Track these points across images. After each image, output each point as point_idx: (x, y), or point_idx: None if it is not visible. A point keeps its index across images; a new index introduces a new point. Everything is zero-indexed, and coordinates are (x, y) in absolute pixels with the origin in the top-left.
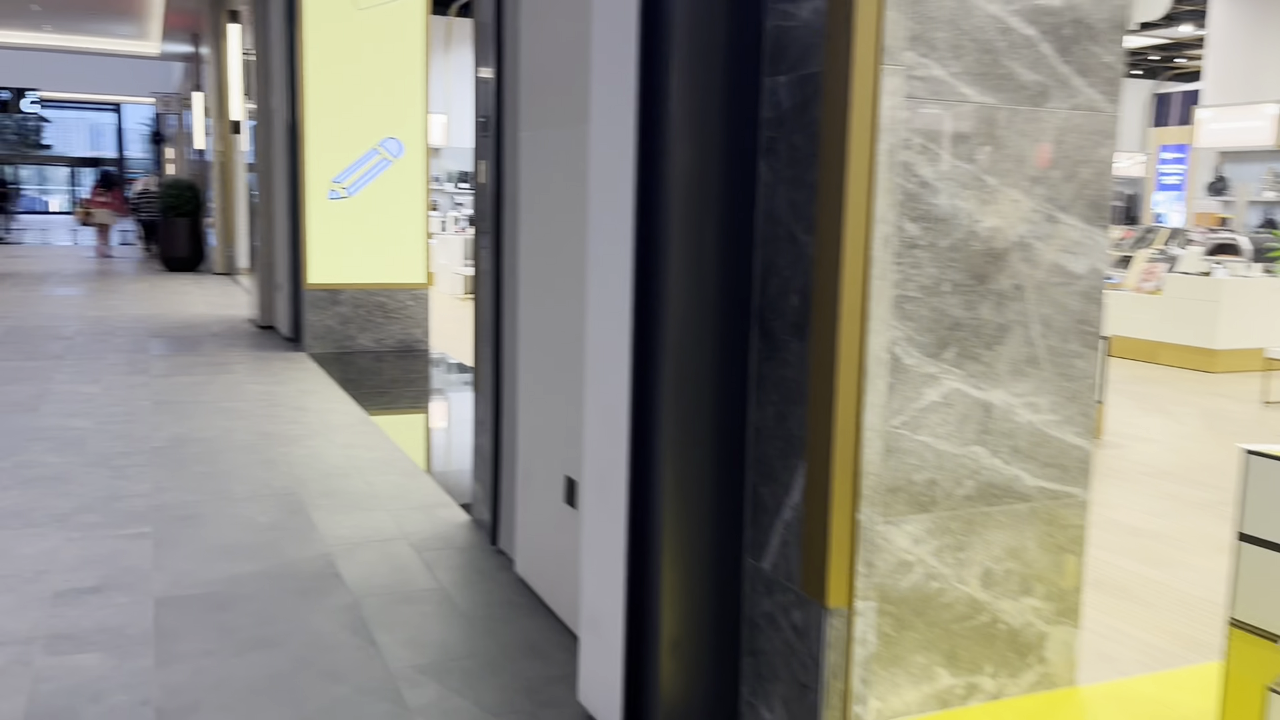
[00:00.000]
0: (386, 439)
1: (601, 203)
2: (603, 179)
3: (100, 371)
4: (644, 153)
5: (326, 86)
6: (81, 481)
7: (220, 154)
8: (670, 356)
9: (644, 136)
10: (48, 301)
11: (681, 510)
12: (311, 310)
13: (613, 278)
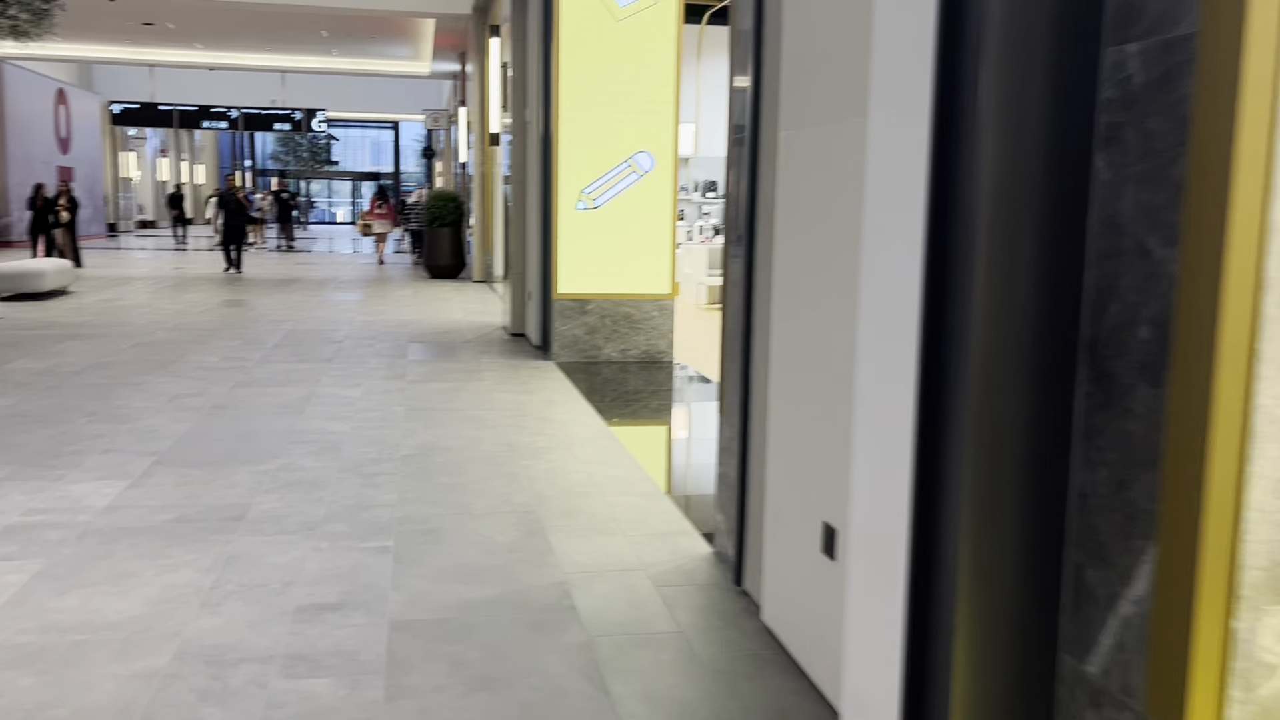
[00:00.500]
0: (627, 455)
1: (881, 206)
2: (883, 177)
3: (362, 376)
4: (940, 145)
5: (580, 98)
6: (334, 488)
7: (480, 166)
8: (969, 396)
9: (941, 126)
10: (324, 306)
11: (979, 588)
12: (560, 319)
13: (894, 296)
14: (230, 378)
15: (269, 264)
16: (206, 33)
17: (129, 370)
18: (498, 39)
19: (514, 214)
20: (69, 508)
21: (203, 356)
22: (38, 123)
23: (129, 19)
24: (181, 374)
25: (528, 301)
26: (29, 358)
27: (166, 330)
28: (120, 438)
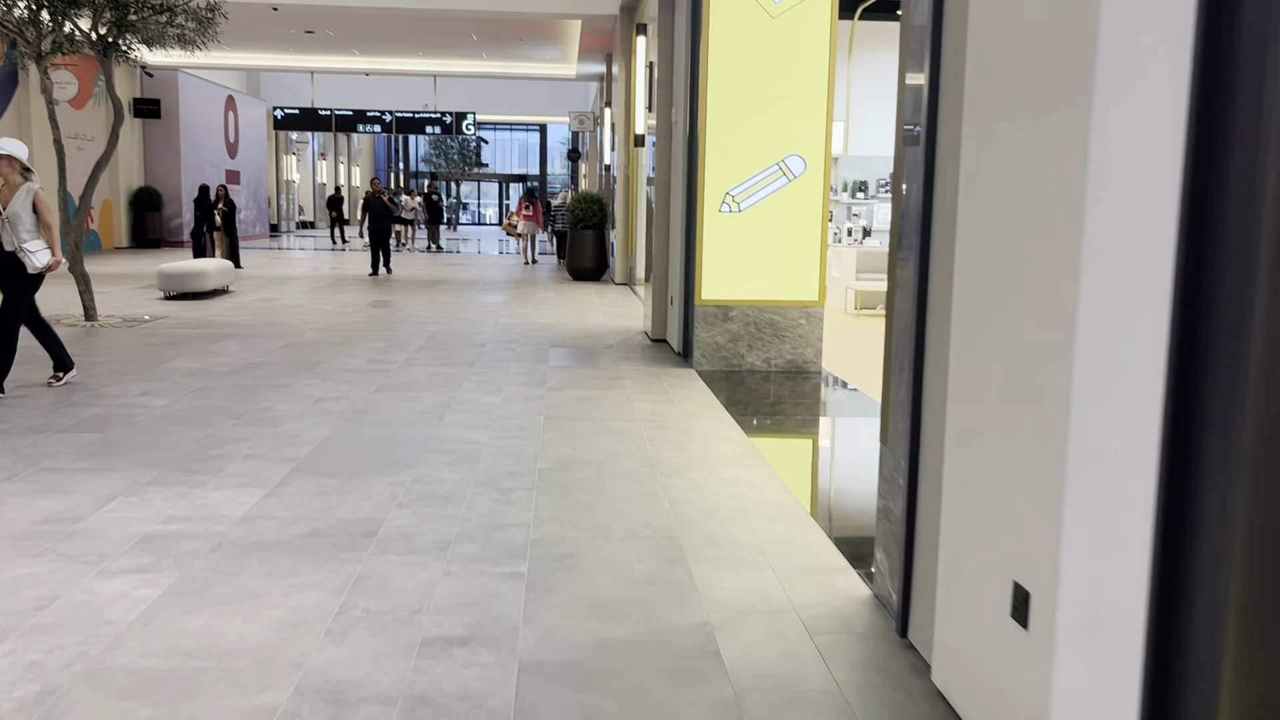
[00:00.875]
0: (774, 475)
1: (1109, 214)
2: (1113, 181)
3: (503, 381)
4: (1202, 137)
5: (728, 98)
6: (469, 503)
7: (624, 168)
8: (1244, 446)
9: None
10: (469, 308)
11: (1249, 691)
12: (702, 326)
13: (1129, 321)
14: (373, 381)
15: (418, 265)
16: (363, 39)
17: (277, 372)
18: (644, 38)
19: (657, 217)
20: (206, 516)
21: (348, 358)
22: (209, 128)
23: (291, 27)
24: (327, 376)
25: (669, 307)
26: (186, 357)
27: (316, 331)
28: (263, 442)
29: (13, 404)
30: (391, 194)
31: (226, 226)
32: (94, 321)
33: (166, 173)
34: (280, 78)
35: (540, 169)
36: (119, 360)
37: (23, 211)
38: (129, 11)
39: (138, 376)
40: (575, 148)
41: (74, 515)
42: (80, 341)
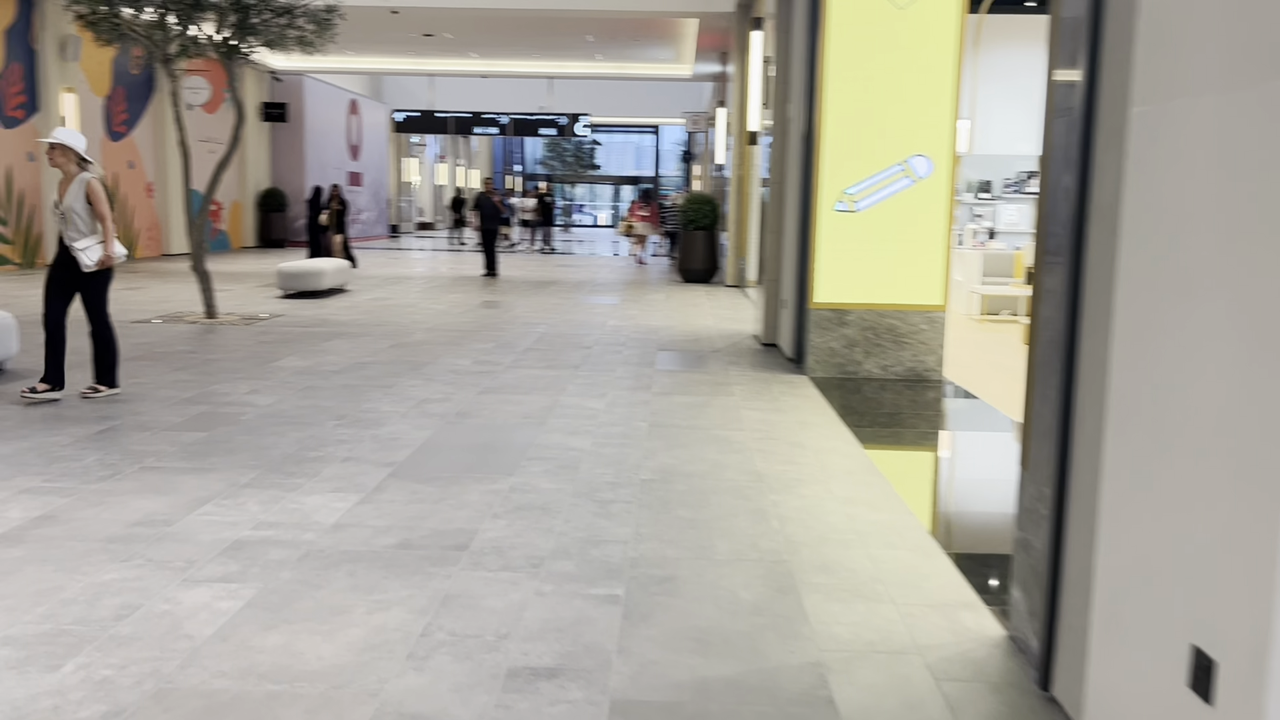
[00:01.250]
0: (893, 494)
1: None
2: None
3: (608, 385)
4: None
5: (847, 93)
6: (566, 516)
7: (737, 168)
8: None
9: None
10: (578, 309)
11: None
12: (816, 331)
13: None
14: (478, 383)
15: (529, 265)
16: (480, 41)
17: (383, 371)
18: (760, 33)
19: (770, 216)
20: (298, 523)
21: (455, 359)
22: (332, 131)
23: (411, 31)
24: (432, 377)
25: (781, 310)
26: (296, 355)
27: (425, 331)
28: (362, 445)
29: (127, 399)
30: (503, 195)
31: (338, 226)
32: (214, 319)
33: (292, 174)
34: (401, 81)
35: (654, 170)
36: (232, 358)
37: (76, 204)
38: (250, 14)
39: (248, 375)
40: (689, 149)
41: (168, 517)
42: (198, 339)
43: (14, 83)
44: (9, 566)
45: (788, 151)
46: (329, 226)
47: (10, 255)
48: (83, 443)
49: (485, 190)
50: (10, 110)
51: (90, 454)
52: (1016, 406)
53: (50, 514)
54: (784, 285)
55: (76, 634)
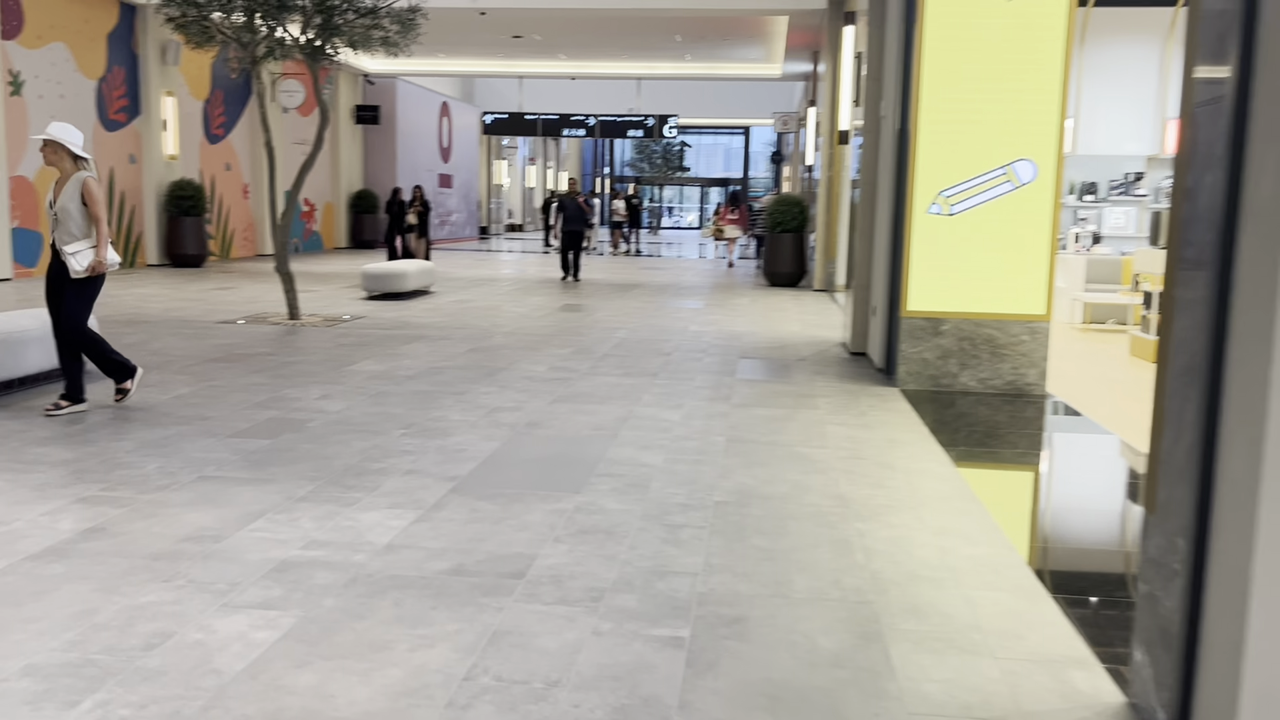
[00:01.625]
0: (992, 525)
1: None
2: None
3: (685, 395)
4: None
5: (945, 91)
6: (632, 541)
7: (827, 169)
8: None
9: None
10: (660, 314)
11: None
12: (908, 340)
13: None
14: (552, 390)
15: (614, 268)
16: (569, 43)
17: (458, 377)
18: (853, 28)
19: (860, 219)
20: (350, 542)
21: (531, 365)
22: (424, 133)
23: (500, 33)
24: (506, 384)
25: (871, 317)
26: (373, 359)
27: (504, 334)
28: (427, 456)
29: (198, 403)
30: (587, 196)
31: (422, 228)
32: (297, 320)
33: (384, 176)
34: (492, 84)
35: (743, 172)
36: (309, 361)
37: (71, 204)
38: (334, 15)
39: (321, 378)
40: (779, 150)
41: (217, 533)
42: (279, 340)
43: (116, 86)
44: (48, 584)
45: (880, 150)
46: (413, 228)
47: None
48: (147, 449)
49: (569, 191)
50: (113, 114)
51: (152, 461)
52: (1128, 426)
53: (101, 526)
54: (874, 291)
55: (102, 665)
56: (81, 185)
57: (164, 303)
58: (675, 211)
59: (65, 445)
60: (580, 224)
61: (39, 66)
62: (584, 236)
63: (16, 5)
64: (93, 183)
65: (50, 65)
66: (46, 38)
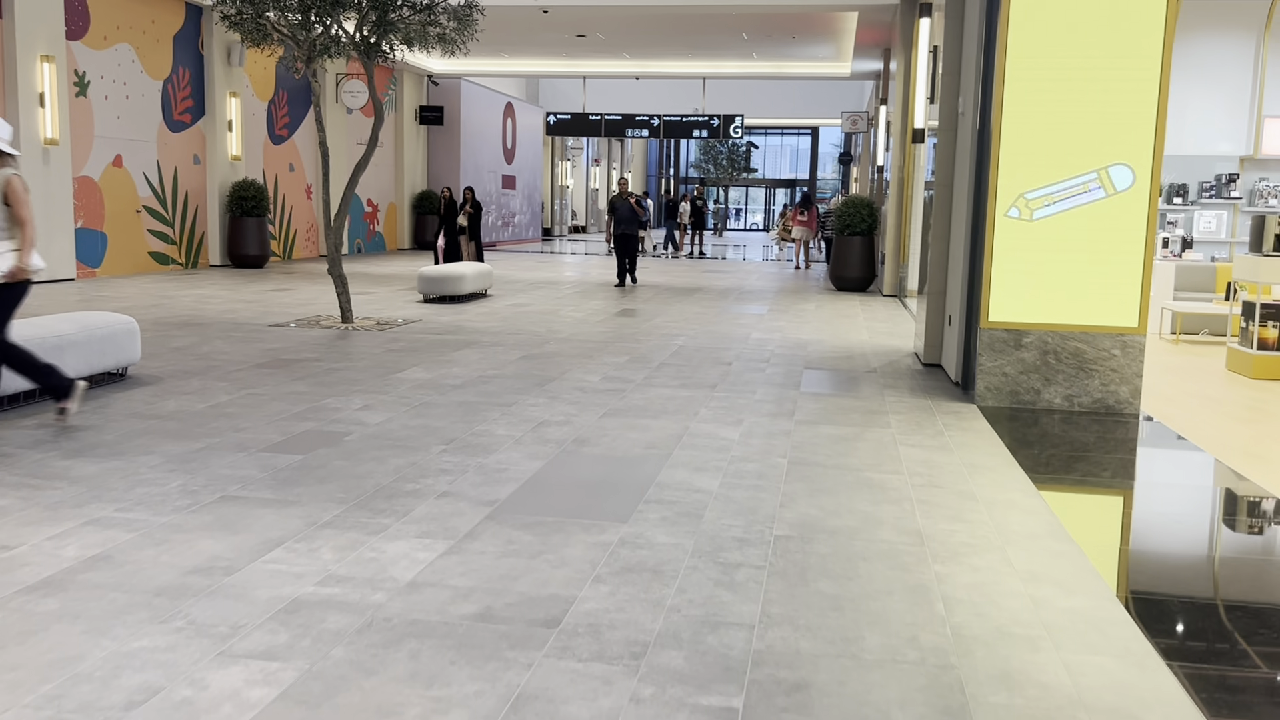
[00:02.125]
0: (1090, 570)
1: None
2: None
3: (745, 409)
4: None
5: (1031, 85)
6: (680, 584)
7: (898, 169)
8: None
9: None
10: (722, 319)
11: None
12: (988, 353)
13: None
14: (604, 403)
15: (676, 271)
16: (633, 42)
17: (507, 387)
18: (928, 20)
19: (935, 221)
20: (370, 578)
21: (584, 375)
22: (488, 134)
23: (563, 32)
24: (556, 395)
25: (946, 327)
26: (421, 366)
27: (559, 341)
28: (465, 476)
29: (233, 414)
30: (639, 197)
31: (472, 230)
32: (349, 324)
33: (447, 177)
34: (557, 85)
35: (810, 174)
36: (355, 367)
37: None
38: (389, 11)
39: (365, 387)
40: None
41: (229, 564)
42: (330, 345)
43: (182, 87)
44: (37, 623)
45: (957, 149)
46: (464, 230)
47: (174, 255)
48: (173, 464)
49: (620, 192)
50: (178, 114)
51: (176, 478)
52: (1236, 450)
53: (107, 554)
54: (950, 299)
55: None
56: (5, 184)
57: (220, 304)
58: (741, 213)
59: (92, 459)
60: (634, 226)
61: (105, 67)
62: (639, 240)
63: (82, 6)
64: (18, 181)
65: (116, 66)
66: (112, 38)
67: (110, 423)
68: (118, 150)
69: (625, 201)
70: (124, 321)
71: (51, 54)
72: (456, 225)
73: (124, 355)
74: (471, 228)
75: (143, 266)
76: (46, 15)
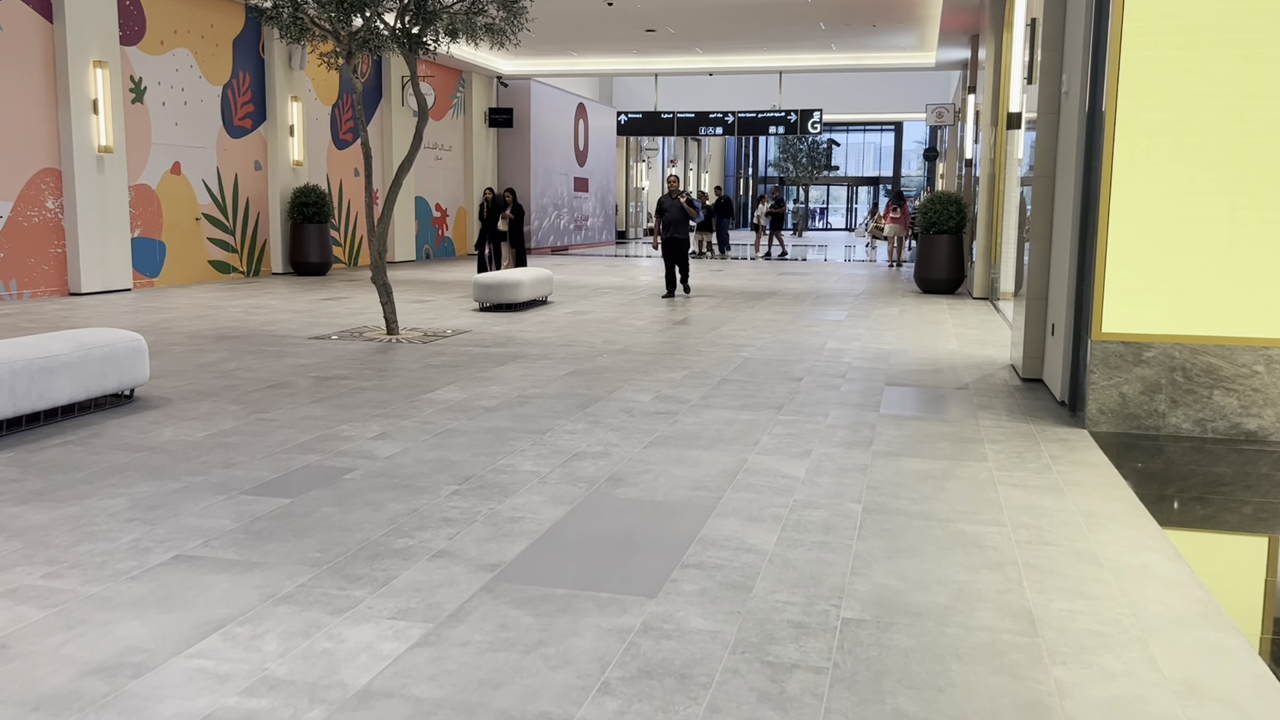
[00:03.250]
0: (1265, 678)
1: None
2: None
3: (814, 436)
4: None
5: (1155, 53)
6: (713, 699)
7: (990, 162)
8: None
9: None
10: (795, 326)
11: None
12: (1101, 369)
13: None
14: (652, 428)
15: (751, 274)
16: (704, 35)
17: (545, 409)
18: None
19: (1035, 217)
20: (313, 683)
21: (635, 393)
22: (559, 136)
23: (631, 27)
24: (599, 418)
25: (1049, 337)
26: (457, 385)
27: (612, 353)
28: (471, 529)
29: (231, 446)
30: (690, 197)
31: (513, 236)
32: (394, 335)
33: (518, 180)
34: (630, 85)
35: (894, 170)
36: (385, 387)
37: None
38: (427, 1)
39: (389, 410)
40: (933, 145)
41: (144, 659)
42: (364, 360)
43: (242, 92)
44: None
45: (1061, 136)
46: (504, 235)
47: (235, 264)
48: (137, 510)
49: (670, 191)
50: (238, 120)
51: (132, 530)
52: None
53: (3, 641)
54: (1053, 306)
55: None
56: None
57: (268, 314)
58: (824, 212)
59: (48, 503)
60: (684, 229)
61: (162, 73)
62: (688, 243)
63: (138, 11)
64: None
65: (174, 71)
66: (170, 43)
67: (92, 456)
68: (176, 157)
69: (675, 201)
70: (128, 339)
71: (105, 59)
72: (497, 229)
73: (128, 376)
74: (513, 233)
75: (203, 275)
76: (100, 20)
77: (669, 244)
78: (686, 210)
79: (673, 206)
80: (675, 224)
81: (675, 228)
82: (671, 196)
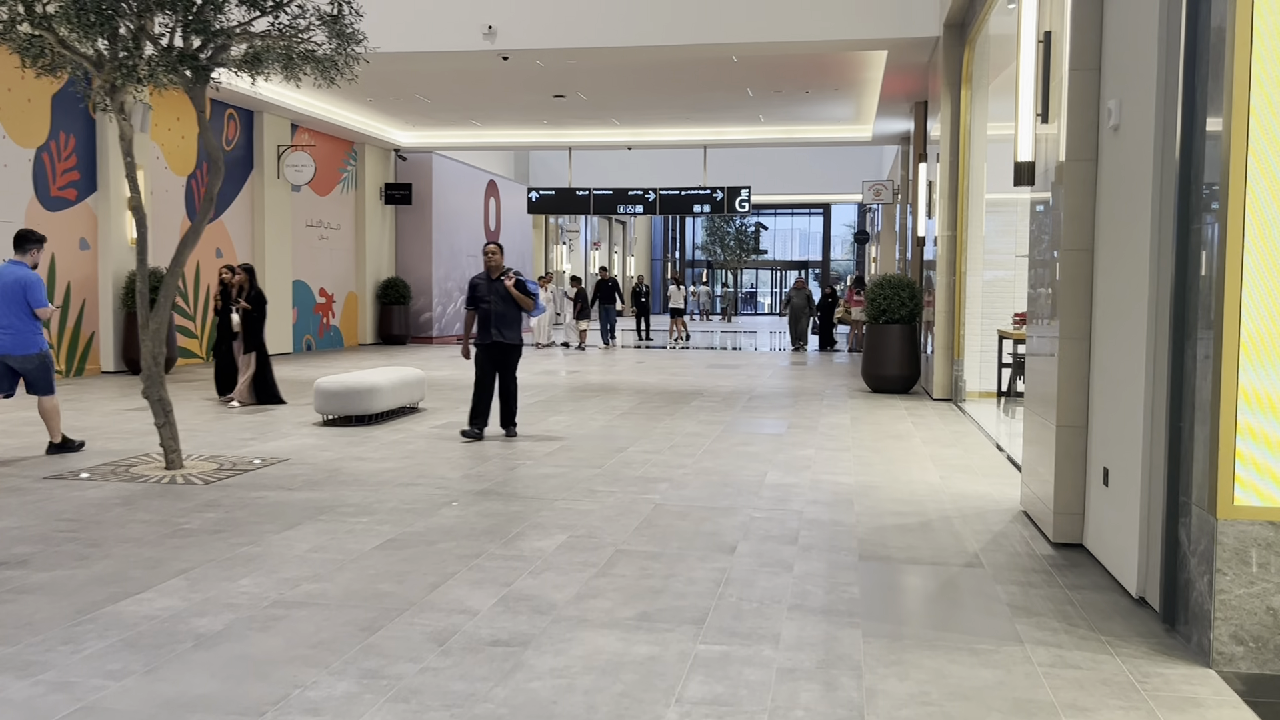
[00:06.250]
0: None
1: None
2: None
3: (761, 692)
4: None
5: None
6: None
7: (949, 240)
8: None
9: None
10: (725, 445)
11: None
12: (1234, 566)
13: None
14: (470, 691)
15: (674, 366)
16: (621, 104)
17: (298, 639)
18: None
19: (1066, 308)
20: None
21: (469, 589)
22: (467, 215)
23: (539, 93)
24: (383, 664)
25: (1100, 487)
26: (187, 578)
27: (468, 498)
28: None
29: None
30: (518, 278)
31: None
32: (174, 468)
33: (418, 263)
34: (549, 162)
35: (823, 254)
36: (61, 586)
37: None
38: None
39: (19, 649)
40: (863, 228)
41: None
42: (96, 515)
43: (65, 157)
44: None
45: (1104, 189)
46: (237, 335)
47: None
48: None
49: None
50: (58, 189)
51: None
52: None
53: None
54: (1102, 440)
55: None
56: None
57: (30, 433)
58: (752, 297)
59: None
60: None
61: None
62: (518, 351)
63: None
64: None
65: None
66: None
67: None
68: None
69: (497, 284)
70: None
71: None
72: (230, 325)
73: None
74: (249, 331)
75: None
76: None
77: (487, 351)
78: (515, 297)
79: (491, 291)
80: (499, 319)
81: (497, 323)
82: (492, 277)
